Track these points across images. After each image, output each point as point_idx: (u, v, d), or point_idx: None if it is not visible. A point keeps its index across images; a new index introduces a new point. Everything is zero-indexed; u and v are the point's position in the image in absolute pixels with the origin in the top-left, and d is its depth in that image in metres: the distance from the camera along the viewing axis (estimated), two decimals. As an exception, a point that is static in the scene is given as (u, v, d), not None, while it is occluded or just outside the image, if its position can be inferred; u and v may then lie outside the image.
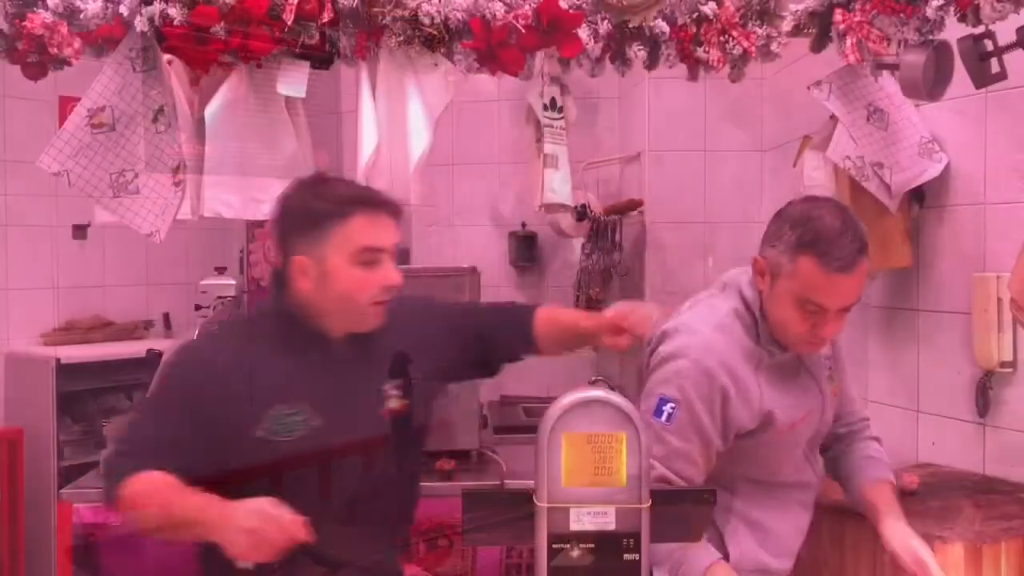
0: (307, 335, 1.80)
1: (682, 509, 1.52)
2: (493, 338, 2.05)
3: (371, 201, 1.78)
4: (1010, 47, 2.07)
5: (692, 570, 1.75)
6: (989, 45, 2.09)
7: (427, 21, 2.17)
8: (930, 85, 2.17)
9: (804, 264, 1.69)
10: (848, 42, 2.11)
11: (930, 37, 2.08)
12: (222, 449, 1.74)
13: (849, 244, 1.67)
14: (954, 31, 2.08)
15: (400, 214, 1.82)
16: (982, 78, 2.13)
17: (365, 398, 1.84)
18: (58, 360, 3.93)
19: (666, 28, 2.21)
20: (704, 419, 1.75)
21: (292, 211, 1.79)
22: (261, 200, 2.35)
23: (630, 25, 2.20)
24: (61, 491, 2.73)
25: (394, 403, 1.87)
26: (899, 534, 1.83)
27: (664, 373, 1.78)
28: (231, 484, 1.70)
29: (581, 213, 4.13)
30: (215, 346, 1.85)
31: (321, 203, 1.75)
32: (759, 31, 2.20)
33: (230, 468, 1.74)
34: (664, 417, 1.74)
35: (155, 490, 1.65)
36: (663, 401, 1.50)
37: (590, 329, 2.00)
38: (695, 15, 2.21)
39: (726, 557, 1.81)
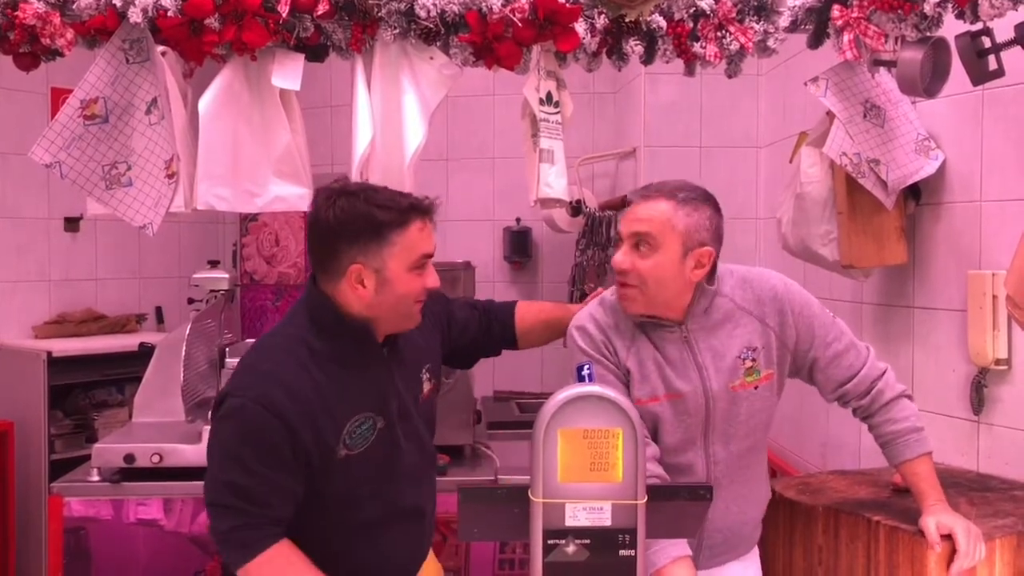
0: (356, 341, 1.84)
1: (678, 505, 1.51)
2: (480, 334, 2.18)
3: (424, 208, 1.81)
4: (1008, 44, 2.06)
5: (658, 557, 1.77)
6: (987, 42, 2.08)
7: (423, 14, 2.16)
8: (927, 82, 2.16)
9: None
10: (845, 38, 2.10)
11: (928, 34, 2.07)
12: (315, 480, 1.79)
13: (653, 186, 1.92)
14: (952, 28, 2.08)
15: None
16: (979, 75, 2.13)
17: (407, 389, 1.92)
18: (49, 353, 3.92)
19: (663, 23, 2.20)
20: (609, 366, 1.94)
21: (349, 220, 1.76)
22: (255, 193, 2.34)
23: (627, 20, 2.19)
24: (52, 484, 2.72)
25: (427, 386, 1.99)
26: (928, 514, 1.89)
27: (568, 346, 2.02)
28: (332, 511, 1.84)
29: (576, 208, 4.13)
30: (282, 378, 1.75)
31: (381, 212, 1.76)
32: (756, 26, 2.19)
33: (325, 495, 1.82)
34: (587, 379, 1.82)
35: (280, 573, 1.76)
36: (579, 368, 1.56)
37: (564, 320, 2.12)
38: (692, 10, 2.20)
39: None
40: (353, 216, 1.76)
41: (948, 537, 1.84)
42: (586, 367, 1.54)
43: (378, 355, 1.87)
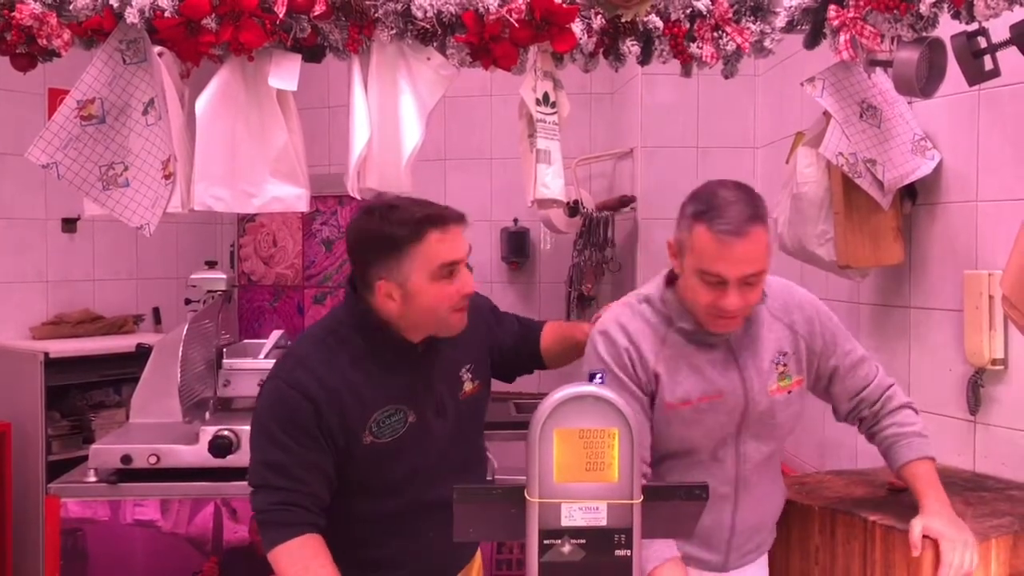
0: (391, 342, 1.91)
1: (674, 505, 1.51)
2: (519, 342, 2.20)
3: (440, 218, 1.85)
4: (1003, 44, 2.07)
5: (648, 560, 1.77)
6: (983, 42, 2.08)
7: (420, 14, 2.16)
8: (923, 82, 2.17)
9: (697, 233, 1.78)
10: (841, 38, 2.10)
11: (924, 34, 2.07)
12: (342, 465, 1.88)
13: (738, 211, 1.75)
14: (948, 28, 2.08)
15: (465, 221, 1.90)
16: (975, 75, 2.13)
17: (445, 387, 1.99)
18: (47, 354, 3.92)
19: (659, 23, 2.20)
20: (629, 372, 1.89)
21: (368, 239, 1.87)
22: (252, 194, 2.34)
23: (623, 20, 2.19)
24: (49, 485, 2.72)
25: (469, 386, 2.03)
26: (919, 517, 1.88)
27: (587, 351, 1.97)
28: (358, 498, 1.92)
29: (573, 209, 4.13)
30: (311, 362, 1.89)
31: (395, 228, 1.83)
32: (753, 27, 2.20)
33: (351, 481, 1.90)
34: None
35: (301, 565, 1.82)
36: (591, 375, 1.56)
37: (575, 335, 2.16)
38: (689, 11, 2.20)
39: None
40: (369, 235, 1.87)
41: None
42: (599, 376, 1.53)
43: (412, 354, 1.93)
